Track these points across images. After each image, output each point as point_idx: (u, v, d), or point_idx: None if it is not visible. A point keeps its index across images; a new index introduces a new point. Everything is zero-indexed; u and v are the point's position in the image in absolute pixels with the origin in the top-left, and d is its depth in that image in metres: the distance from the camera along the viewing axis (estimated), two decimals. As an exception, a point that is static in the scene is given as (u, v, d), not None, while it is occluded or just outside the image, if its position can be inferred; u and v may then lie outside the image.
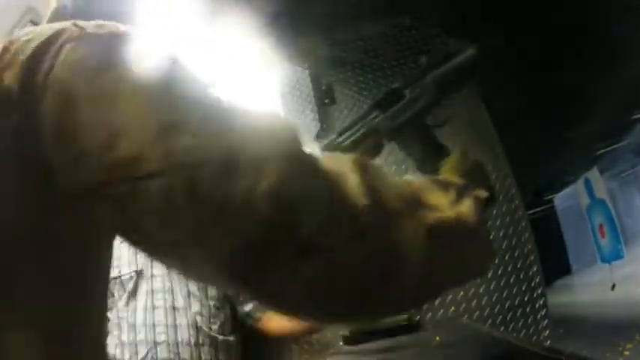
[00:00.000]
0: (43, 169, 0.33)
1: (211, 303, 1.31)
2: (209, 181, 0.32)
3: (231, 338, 1.31)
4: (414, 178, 0.51)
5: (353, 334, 1.24)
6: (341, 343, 1.28)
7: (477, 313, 1.53)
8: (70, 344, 0.34)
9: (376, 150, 0.76)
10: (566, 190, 6.71)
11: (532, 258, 1.57)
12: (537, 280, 1.55)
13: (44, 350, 0.32)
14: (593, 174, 5.16)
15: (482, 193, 0.51)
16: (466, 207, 0.46)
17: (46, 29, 0.35)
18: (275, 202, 0.32)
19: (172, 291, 1.29)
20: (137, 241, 0.36)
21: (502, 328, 1.49)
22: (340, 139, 0.76)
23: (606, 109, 3.77)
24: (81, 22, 0.35)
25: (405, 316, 1.36)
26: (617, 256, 4.85)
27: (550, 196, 7.06)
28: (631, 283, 4.64)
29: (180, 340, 1.24)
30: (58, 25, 0.35)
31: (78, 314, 0.36)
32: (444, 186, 0.48)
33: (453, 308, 1.53)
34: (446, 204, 0.45)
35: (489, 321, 1.51)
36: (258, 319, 1.33)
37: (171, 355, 1.22)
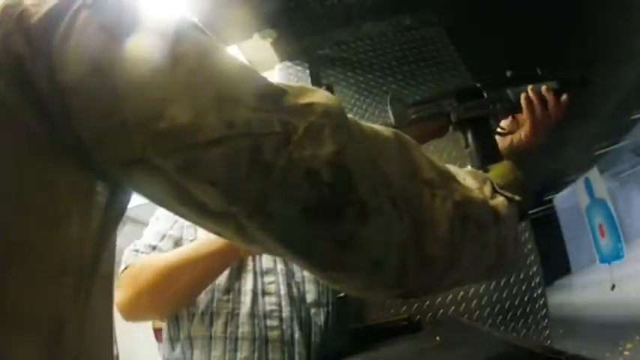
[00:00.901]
0: (66, 143, 0.31)
1: (329, 289, 1.02)
2: (272, 149, 0.32)
3: (344, 335, 1.05)
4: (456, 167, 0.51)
5: (352, 334, 1.24)
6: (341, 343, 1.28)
7: (477, 313, 1.52)
8: (68, 342, 0.34)
9: (439, 132, 0.81)
10: (566, 190, 6.71)
11: (532, 258, 1.57)
12: (537, 280, 1.55)
13: (41, 348, 0.32)
14: (593, 174, 5.16)
15: (517, 198, 0.51)
16: (498, 201, 0.48)
17: None
18: (335, 167, 0.33)
19: (287, 274, 0.98)
20: (185, 213, 0.36)
21: (502, 328, 1.49)
22: (410, 111, 0.80)
23: (606, 109, 3.77)
24: None
25: (405, 316, 1.36)
26: (617, 256, 4.84)
27: (550, 196, 7.06)
28: (631, 283, 4.63)
29: (297, 337, 0.94)
30: None
31: (77, 308, 0.34)
32: (483, 179, 0.50)
33: (453, 308, 1.53)
34: (477, 189, 0.47)
35: (489, 321, 1.51)
36: None
37: (286, 357, 0.93)
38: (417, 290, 0.43)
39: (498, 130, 0.83)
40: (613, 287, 4.61)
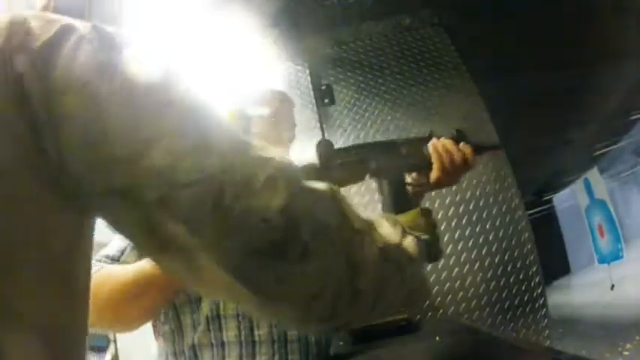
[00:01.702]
0: (54, 166, 0.33)
1: None
2: (233, 195, 0.36)
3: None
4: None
5: (352, 334, 1.24)
6: (341, 343, 1.28)
7: (477, 313, 1.52)
8: (68, 342, 0.34)
9: (358, 177, 0.90)
10: (566, 190, 6.71)
11: (532, 258, 1.57)
12: (537, 280, 1.55)
13: (42, 348, 0.32)
14: (593, 174, 5.17)
15: (424, 236, 0.61)
16: (408, 241, 0.57)
17: (54, 20, 0.35)
18: (285, 216, 0.38)
19: None
20: (145, 245, 0.39)
21: (502, 328, 1.49)
22: (336, 156, 0.90)
23: (606, 109, 3.77)
24: (93, 23, 0.36)
25: (404, 316, 1.36)
26: (617, 256, 4.85)
27: (550, 196, 7.06)
28: (631, 283, 4.64)
29: (310, 336, 0.92)
30: (66, 19, 0.35)
31: (73, 312, 0.35)
32: (394, 222, 0.58)
33: (453, 308, 1.53)
34: (392, 234, 0.55)
35: (489, 321, 1.51)
36: None
37: (302, 358, 0.89)
38: (349, 321, 0.50)
39: (409, 181, 0.91)
40: (612, 287, 4.62)
